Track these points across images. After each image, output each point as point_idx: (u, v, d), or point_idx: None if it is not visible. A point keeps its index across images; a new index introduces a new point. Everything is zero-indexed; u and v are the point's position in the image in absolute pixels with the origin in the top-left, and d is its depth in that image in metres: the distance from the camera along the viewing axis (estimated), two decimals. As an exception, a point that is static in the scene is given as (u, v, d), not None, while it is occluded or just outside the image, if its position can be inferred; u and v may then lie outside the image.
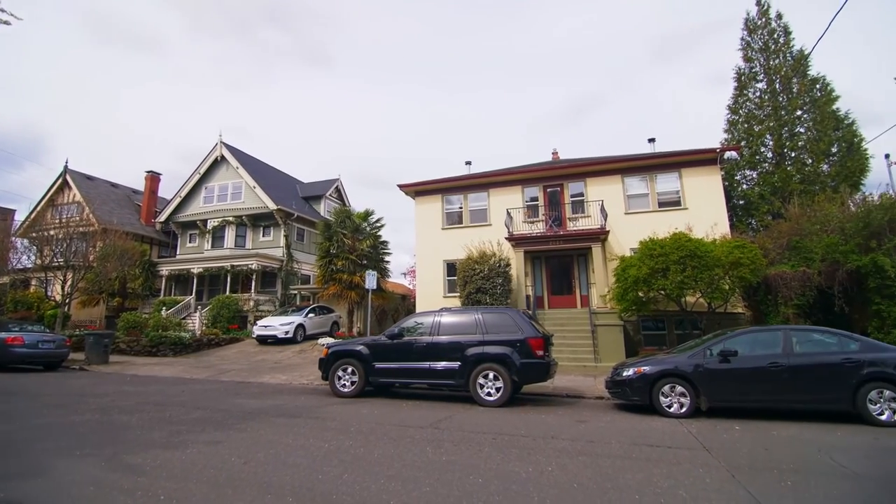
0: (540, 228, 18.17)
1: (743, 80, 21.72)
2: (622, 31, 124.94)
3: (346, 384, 9.31)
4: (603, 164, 18.39)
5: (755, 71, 21.50)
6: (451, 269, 18.76)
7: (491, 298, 15.57)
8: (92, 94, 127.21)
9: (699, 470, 4.64)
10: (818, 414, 7.43)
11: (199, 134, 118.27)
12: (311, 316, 19.58)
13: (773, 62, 21.05)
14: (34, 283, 24.68)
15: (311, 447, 5.28)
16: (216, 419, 6.86)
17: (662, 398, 7.67)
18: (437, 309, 10.01)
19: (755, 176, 20.75)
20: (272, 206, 24.59)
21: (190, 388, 10.42)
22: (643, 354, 11.99)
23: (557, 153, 23.79)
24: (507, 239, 17.25)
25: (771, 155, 20.53)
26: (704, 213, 15.75)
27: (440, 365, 8.78)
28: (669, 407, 7.59)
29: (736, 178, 20.92)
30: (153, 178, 29.93)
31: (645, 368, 7.95)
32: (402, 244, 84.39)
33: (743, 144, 20.46)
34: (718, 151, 16.86)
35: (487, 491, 3.94)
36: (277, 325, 18.28)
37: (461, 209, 19.83)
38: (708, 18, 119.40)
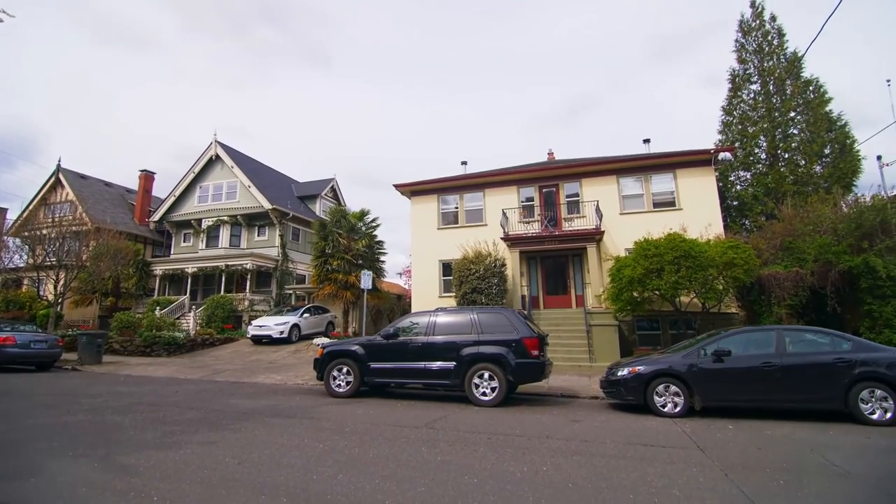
0: (535, 228, 18.21)
1: (737, 81, 21.86)
2: (618, 31, 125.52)
3: (341, 384, 9.29)
4: (598, 164, 18.46)
5: (749, 73, 21.65)
6: (446, 268, 18.77)
7: (486, 298, 15.59)
8: (87, 93, 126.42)
9: (693, 469, 4.67)
10: (811, 413, 7.49)
11: (194, 133, 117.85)
12: (306, 316, 19.53)
13: (767, 64, 21.20)
14: (26, 282, 24.49)
15: (305, 447, 5.27)
16: (210, 419, 6.83)
17: (657, 398, 7.71)
18: (432, 309, 10.00)
19: (749, 177, 20.90)
20: (267, 205, 24.50)
21: (184, 388, 10.36)
22: (638, 354, 12.05)
23: (553, 153, 23.85)
24: (502, 239, 17.28)
25: (765, 156, 20.67)
26: (699, 213, 15.84)
27: (435, 365, 8.78)
28: (664, 406, 7.63)
29: (730, 178, 21.07)
30: (147, 177, 29.75)
31: (639, 368, 7.99)
32: (397, 244, 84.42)
33: (737, 145, 20.60)
34: (713, 152, 16.96)
35: (482, 491, 3.95)
36: (272, 325, 18.22)
37: (457, 209, 19.84)
38: (703, 20, 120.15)
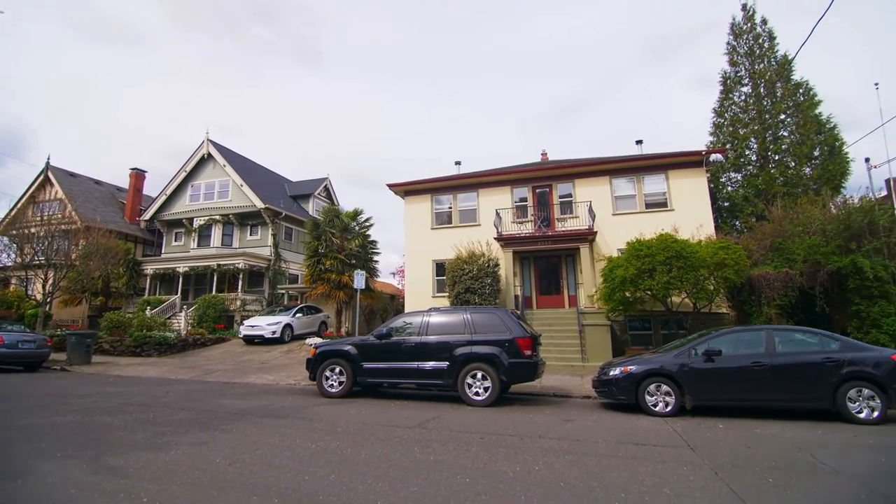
0: (529, 229, 18.26)
1: (728, 83, 22.04)
2: (612, 33, 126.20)
3: (333, 384, 9.26)
4: (591, 165, 18.54)
5: (740, 75, 21.85)
6: (440, 268, 18.76)
7: (480, 298, 15.61)
8: (78, 91, 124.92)
9: (684, 468, 4.70)
10: (800, 412, 7.58)
11: (186, 132, 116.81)
12: (298, 316, 19.43)
13: (758, 66, 21.41)
14: (14, 281, 24.19)
15: (297, 448, 5.24)
16: (201, 420, 6.78)
17: (648, 397, 7.76)
18: (425, 309, 10.02)
19: (740, 178, 21.09)
20: (260, 204, 24.35)
21: (175, 388, 10.28)
22: (630, 354, 12.13)
23: (546, 154, 23.93)
24: (496, 239, 17.31)
25: (755, 158, 20.87)
26: (690, 214, 15.96)
27: (428, 365, 8.78)
28: (655, 406, 7.68)
29: (721, 180, 21.24)
30: (138, 175, 29.45)
31: (631, 368, 8.04)
32: (391, 244, 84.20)
33: (728, 147, 20.77)
34: (704, 154, 17.10)
35: (475, 490, 3.95)
36: (264, 324, 18.12)
37: (450, 209, 19.84)
38: (695, 21, 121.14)
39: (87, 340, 14.72)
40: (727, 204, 20.76)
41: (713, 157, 17.26)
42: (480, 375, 8.44)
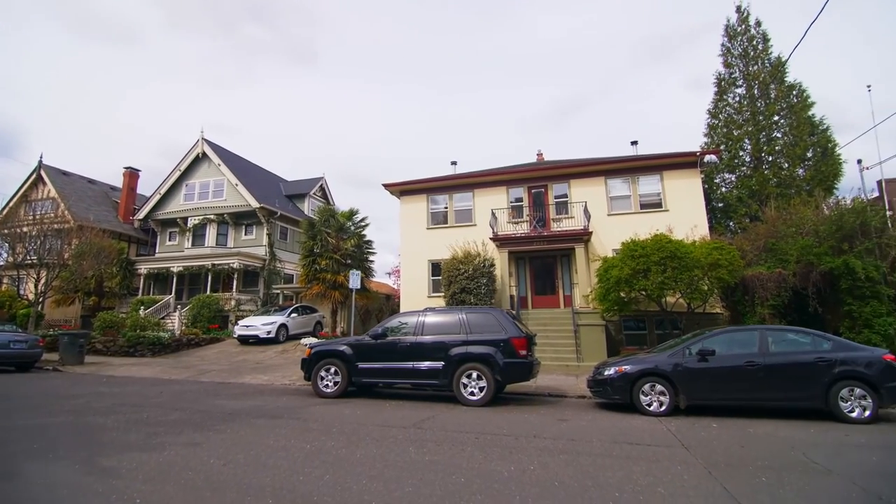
0: (524, 229, 18.29)
1: (723, 85, 22.20)
2: (611, 34, 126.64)
3: (328, 384, 9.24)
4: (586, 165, 18.59)
5: (735, 76, 22.00)
6: (435, 268, 18.76)
7: (475, 298, 15.62)
8: (71, 90, 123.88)
9: (678, 467, 4.73)
10: (793, 412, 7.64)
11: (181, 130, 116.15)
12: (293, 316, 19.37)
13: (752, 68, 21.56)
14: (6, 281, 23.98)
15: (292, 448, 5.23)
16: (195, 420, 6.75)
17: (643, 397, 7.80)
18: (421, 309, 10.01)
19: (734, 179, 21.25)
20: (255, 204, 24.26)
21: (168, 388, 10.22)
22: (624, 354, 12.15)
23: (542, 154, 23.97)
24: (491, 239, 17.33)
25: (749, 159, 21.03)
26: (685, 215, 16.04)
27: (424, 365, 8.78)
28: (649, 405, 7.72)
29: (715, 181, 21.39)
30: (132, 174, 29.25)
31: (626, 367, 8.07)
32: (386, 244, 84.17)
33: (722, 148, 20.92)
34: (699, 155, 17.19)
35: (469, 490, 3.96)
36: (259, 324, 18.05)
37: (446, 209, 19.84)
38: (692, 22, 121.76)
39: (79, 340, 14.60)
40: (721, 205, 20.90)
41: (707, 158, 17.37)
42: (476, 375, 8.44)
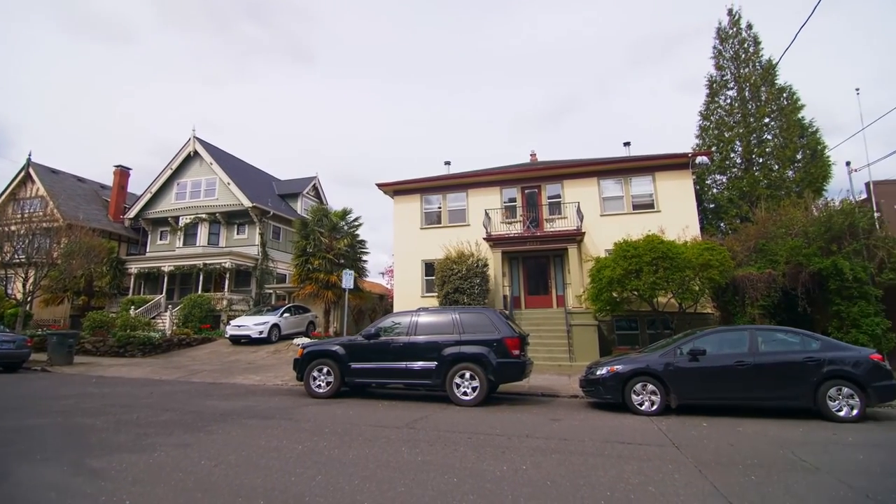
0: (517, 229, 18.33)
1: (714, 87, 22.40)
2: (600, 36, 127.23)
3: (321, 385, 9.21)
4: (580, 166, 18.66)
5: (726, 79, 22.21)
6: (429, 268, 18.75)
7: (468, 298, 15.63)
8: (62, 87, 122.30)
9: (668, 466, 4.76)
10: (782, 410, 7.72)
11: (172, 128, 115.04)
12: (286, 316, 19.28)
13: (743, 70, 21.77)
14: (-7, 280, 23.61)
15: (284, 449, 5.20)
16: (186, 421, 6.70)
17: (634, 396, 7.84)
18: (414, 309, 10.01)
19: (725, 180, 21.46)
20: (247, 203, 24.11)
21: (159, 389, 10.13)
22: (616, 353, 12.23)
23: (536, 155, 24.04)
24: (485, 239, 17.34)
25: (740, 160, 21.24)
26: (676, 215, 16.15)
27: (417, 365, 8.77)
28: (641, 405, 7.76)
29: (707, 182, 21.57)
30: (122, 172, 28.97)
31: (618, 367, 8.12)
32: (380, 243, 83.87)
33: (714, 150, 21.09)
34: (690, 156, 17.32)
35: (462, 490, 3.96)
36: (251, 324, 17.95)
37: (440, 209, 19.84)
38: (683, 24, 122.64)
39: (68, 340, 14.44)
40: (712, 206, 21.09)
41: (699, 159, 17.51)
42: (469, 375, 8.45)
